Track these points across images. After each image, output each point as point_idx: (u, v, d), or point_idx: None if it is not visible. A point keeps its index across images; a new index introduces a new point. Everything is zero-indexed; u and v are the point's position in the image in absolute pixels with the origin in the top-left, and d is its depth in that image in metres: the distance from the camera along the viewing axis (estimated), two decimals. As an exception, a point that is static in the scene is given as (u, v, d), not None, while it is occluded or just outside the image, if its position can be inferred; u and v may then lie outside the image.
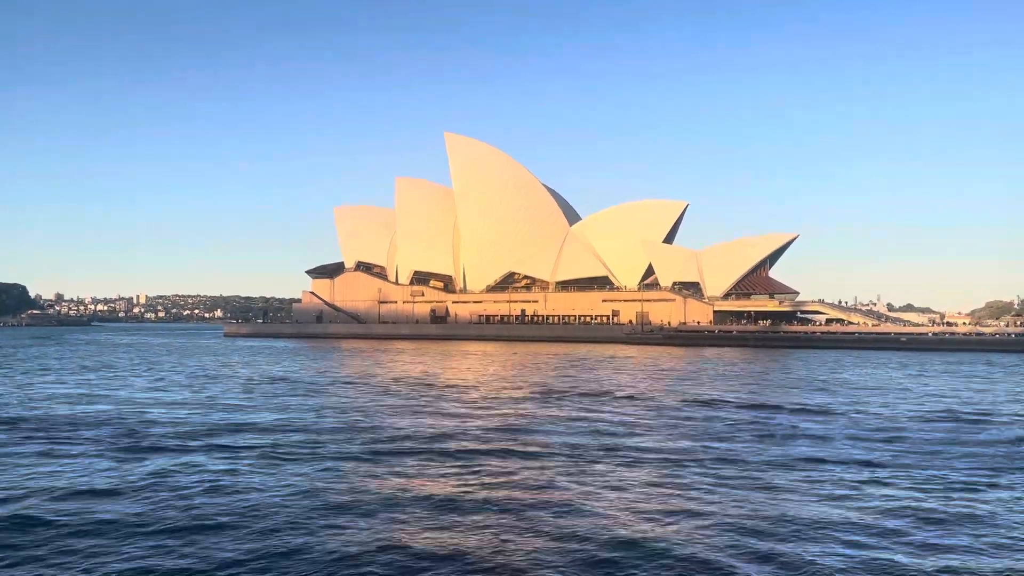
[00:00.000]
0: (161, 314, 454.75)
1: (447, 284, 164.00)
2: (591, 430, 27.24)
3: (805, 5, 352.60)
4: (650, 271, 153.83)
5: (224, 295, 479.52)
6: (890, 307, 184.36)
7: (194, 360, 74.06)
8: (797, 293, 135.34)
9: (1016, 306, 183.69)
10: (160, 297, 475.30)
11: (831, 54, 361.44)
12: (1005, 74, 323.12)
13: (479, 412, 32.51)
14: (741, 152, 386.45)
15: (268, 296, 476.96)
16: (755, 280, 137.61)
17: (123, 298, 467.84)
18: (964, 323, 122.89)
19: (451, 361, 72.81)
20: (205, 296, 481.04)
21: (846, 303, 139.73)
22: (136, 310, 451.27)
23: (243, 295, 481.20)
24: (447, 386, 44.66)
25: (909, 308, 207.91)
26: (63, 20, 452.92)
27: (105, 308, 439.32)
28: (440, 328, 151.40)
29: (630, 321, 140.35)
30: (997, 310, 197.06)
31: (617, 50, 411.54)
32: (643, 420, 30.20)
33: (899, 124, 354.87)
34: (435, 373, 56.23)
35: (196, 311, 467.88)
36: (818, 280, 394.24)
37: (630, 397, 38.69)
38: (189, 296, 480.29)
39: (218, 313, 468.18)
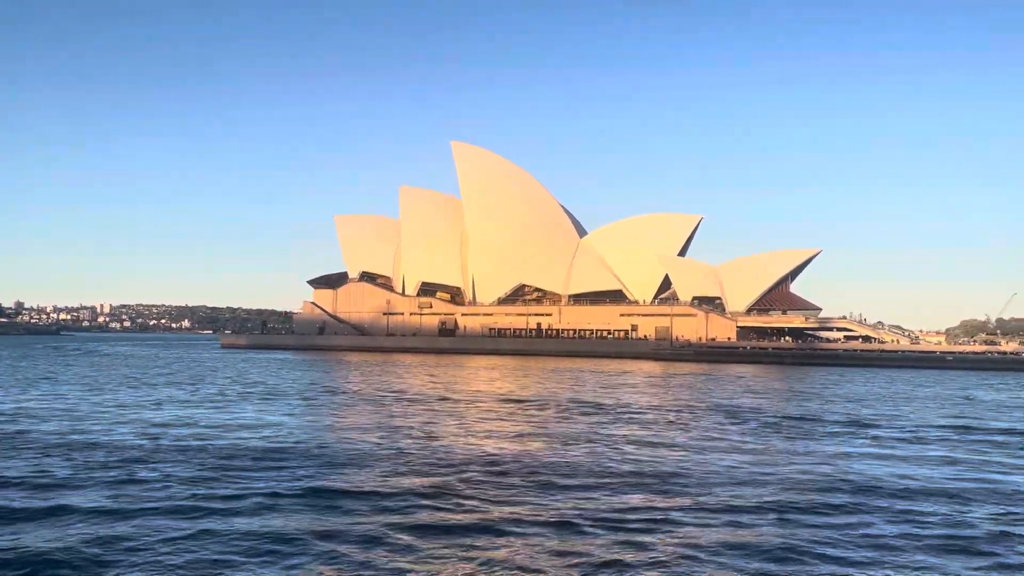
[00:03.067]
0: (126, 324, 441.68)
1: (454, 296, 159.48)
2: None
3: (825, 17, 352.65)
4: (665, 285, 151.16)
5: (190, 305, 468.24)
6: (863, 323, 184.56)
7: (275, 376, 68.44)
8: (820, 309, 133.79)
9: (991, 325, 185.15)
10: (124, 306, 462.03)
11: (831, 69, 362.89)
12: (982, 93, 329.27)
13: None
14: (742, 168, 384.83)
15: (235, 306, 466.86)
16: (777, 296, 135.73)
17: (86, 307, 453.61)
18: (940, 341, 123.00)
19: (531, 378, 68.35)
20: (171, 306, 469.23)
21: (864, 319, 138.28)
22: (101, 319, 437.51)
23: (209, 305, 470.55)
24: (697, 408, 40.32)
25: (879, 326, 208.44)
26: (60, 22, 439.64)
27: (68, 317, 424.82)
28: (452, 342, 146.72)
29: (646, 336, 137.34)
30: (972, 329, 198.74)
31: (628, 60, 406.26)
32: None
33: (883, 144, 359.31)
34: (562, 392, 51.88)
35: (163, 321, 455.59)
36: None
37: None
38: (154, 305, 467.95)
39: (185, 323, 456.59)
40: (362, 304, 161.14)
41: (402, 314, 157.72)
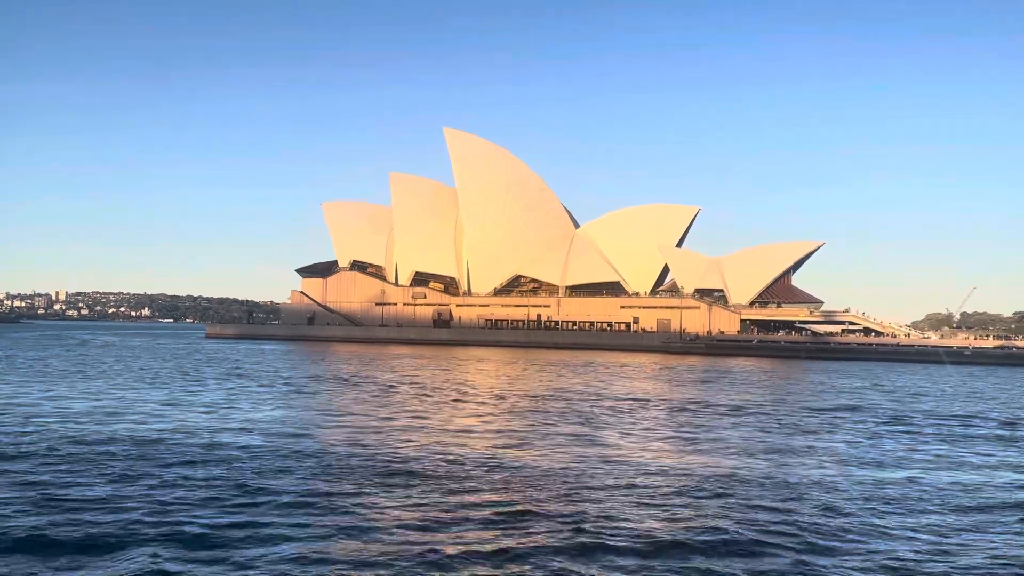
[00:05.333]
0: (84, 311, 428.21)
1: (447, 286, 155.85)
2: None
3: (822, 11, 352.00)
4: (663, 277, 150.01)
5: (149, 293, 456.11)
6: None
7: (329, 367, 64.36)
8: (822, 303, 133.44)
9: (955, 319, 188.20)
10: (80, 294, 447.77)
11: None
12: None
13: None
14: (738, 161, 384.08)
15: (196, 295, 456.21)
16: (779, 289, 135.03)
17: (40, 294, 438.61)
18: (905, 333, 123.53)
19: (602, 374, 65.59)
20: (129, 293, 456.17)
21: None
22: (57, 307, 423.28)
23: (169, 293, 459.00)
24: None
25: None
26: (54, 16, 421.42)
27: (23, 304, 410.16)
28: (450, 333, 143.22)
29: (643, 329, 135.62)
30: (937, 322, 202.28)
31: (624, 49, 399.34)
32: None
33: (861, 138, 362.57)
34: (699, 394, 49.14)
35: (122, 309, 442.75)
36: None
37: None
38: (111, 293, 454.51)
39: (145, 312, 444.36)
40: (353, 294, 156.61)
41: (395, 304, 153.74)
